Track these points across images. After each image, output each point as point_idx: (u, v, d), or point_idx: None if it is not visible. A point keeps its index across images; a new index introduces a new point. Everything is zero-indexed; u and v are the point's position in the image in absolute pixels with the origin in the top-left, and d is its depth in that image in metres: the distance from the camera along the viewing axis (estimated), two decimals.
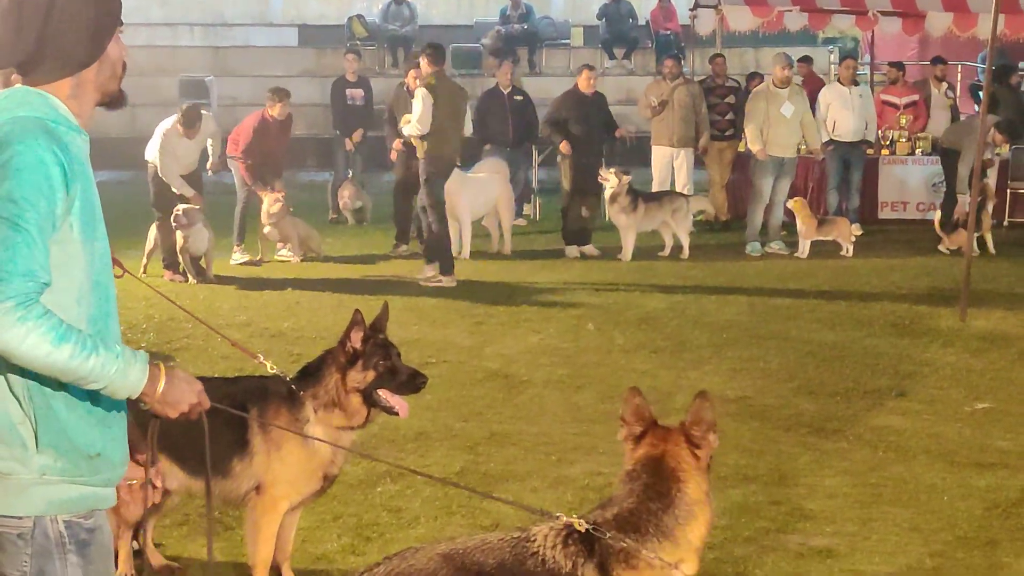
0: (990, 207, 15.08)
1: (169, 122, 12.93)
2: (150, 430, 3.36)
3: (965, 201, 13.96)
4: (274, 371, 4.93)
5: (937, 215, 15.25)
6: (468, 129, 14.02)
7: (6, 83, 3.19)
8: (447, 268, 12.82)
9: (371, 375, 5.04)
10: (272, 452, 5.07)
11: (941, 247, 14.81)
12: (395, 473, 7.01)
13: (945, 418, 8.16)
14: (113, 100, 3.27)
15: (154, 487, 3.49)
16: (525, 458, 7.38)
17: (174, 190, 12.81)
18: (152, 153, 12.96)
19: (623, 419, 3.94)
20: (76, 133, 3.13)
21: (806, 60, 17.28)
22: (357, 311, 5.11)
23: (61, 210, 2.97)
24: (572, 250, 14.64)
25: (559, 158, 15.04)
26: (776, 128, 14.73)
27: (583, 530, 3.64)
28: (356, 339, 5.05)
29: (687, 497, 3.74)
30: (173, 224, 12.57)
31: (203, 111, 13.40)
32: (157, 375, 3.09)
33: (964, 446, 7.57)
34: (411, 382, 5.12)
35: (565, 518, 3.70)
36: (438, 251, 12.90)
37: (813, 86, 17.46)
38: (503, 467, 7.20)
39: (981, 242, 14.50)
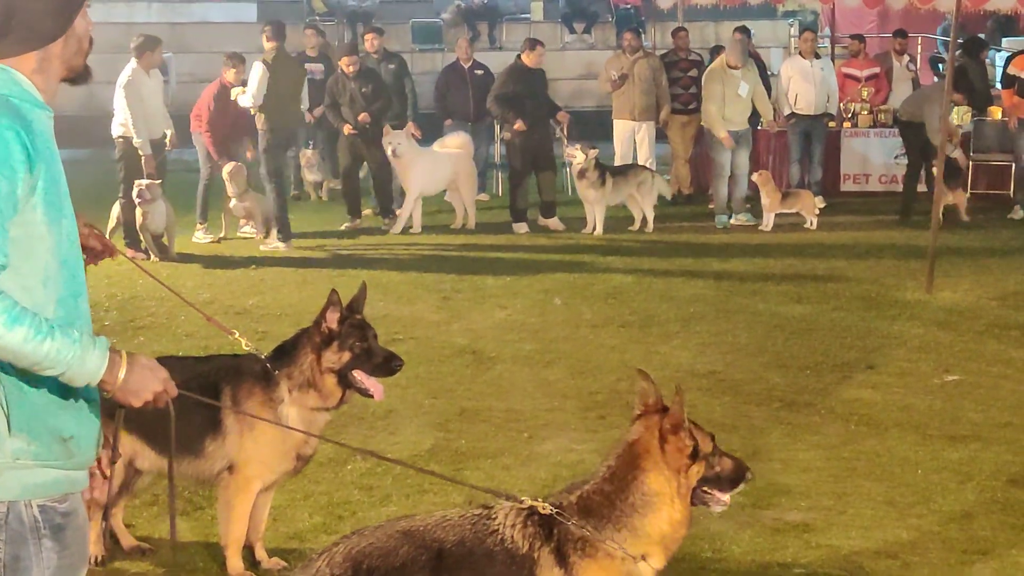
0: (964, 177, 15.13)
1: (128, 69, 12.76)
2: (116, 419, 3.24)
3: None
4: (248, 348, 4.86)
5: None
6: (304, 104, 14.25)
7: None
8: (286, 235, 13.47)
9: (346, 356, 4.98)
10: (245, 432, 5.02)
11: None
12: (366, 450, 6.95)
13: (915, 391, 8.16)
14: (79, 75, 3.19)
15: (104, 477, 3.37)
16: (496, 435, 7.33)
17: (136, 144, 12.59)
18: (119, 114, 12.74)
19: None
20: (41, 109, 3.04)
21: (743, 31, 17.15)
22: (334, 291, 5.05)
23: (23, 191, 2.88)
24: (520, 227, 14.55)
25: (506, 134, 14.91)
26: (732, 106, 14.73)
27: (546, 513, 3.61)
28: (332, 319, 4.99)
29: (646, 487, 3.70)
30: (136, 200, 12.41)
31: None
32: (118, 362, 2.98)
33: (935, 419, 7.58)
34: (386, 364, 5.07)
35: (529, 501, 3.66)
36: (279, 219, 13.52)
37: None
38: (474, 444, 7.15)
39: (953, 211, 14.59)
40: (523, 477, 6.61)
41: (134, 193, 12.44)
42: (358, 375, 5.02)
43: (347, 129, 14.54)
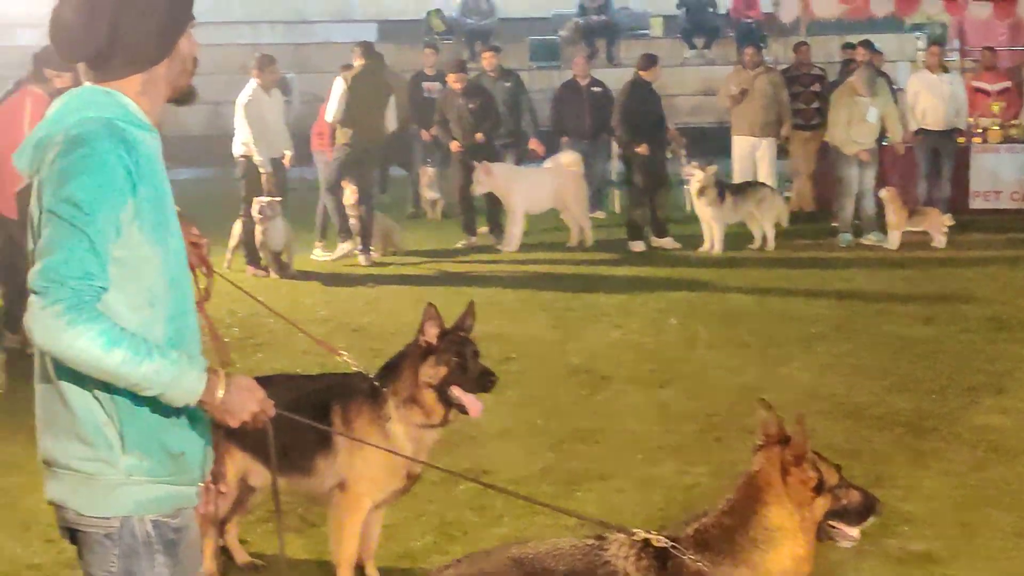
0: None
1: (248, 88, 12.92)
2: (215, 438, 3.28)
3: None
4: (356, 368, 4.83)
5: None
6: (391, 124, 13.92)
7: (76, 80, 3.12)
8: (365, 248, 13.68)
9: (443, 371, 4.93)
10: (355, 450, 4.99)
11: None
12: (477, 470, 6.88)
13: None
14: (183, 96, 3.22)
15: (220, 493, 3.42)
16: (610, 456, 7.20)
17: (257, 162, 12.73)
18: (241, 133, 12.90)
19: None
20: (146, 131, 3.07)
21: (866, 45, 16.82)
22: (430, 305, 5.01)
23: (126, 213, 2.93)
24: (636, 245, 14.39)
25: (628, 152, 14.74)
26: (858, 128, 14.42)
27: (660, 546, 3.47)
28: (430, 334, 4.96)
29: (767, 521, 3.54)
30: (256, 217, 12.51)
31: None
32: (216, 382, 3.00)
33: None
34: (480, 380, 4.98)
35: (642, 533, 3.53)
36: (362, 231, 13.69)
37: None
38: (587, 466, 7.03)
39: None
40: (637, 500, 6.48)
41: (254, 210, 12.55)
42: (455, 391, 4.96)
43: (455, 146, 14.52)
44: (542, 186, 14.59)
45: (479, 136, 14.43)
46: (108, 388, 2.97)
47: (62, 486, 3.08)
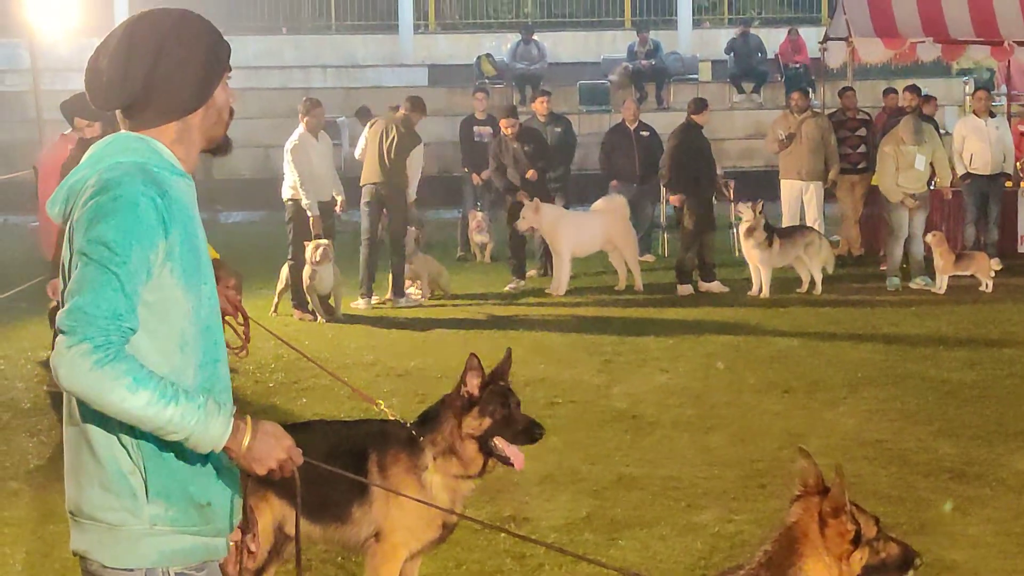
0: None
1: (295, 133, 13.08)
2: (243, 488, 3.23)
3: None
4: (393, 417, 4.85)
5: None
6: (415, 170, 13.94)
7: (106, 129, 3.18)
8: (397, 292, 13.90)
9: (487, 422, 4.90)
10: (391, 499, 4.96)
11: None
12: (519, 518, 6.92)
13: None
14: (219, 147, 3.23)
15: (249, 552, 3.33)
16: (653, 503, 7.22)
17: (304, 205, 12.83)
18: (289, 176, 13.03)
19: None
20: (180, 177, 3.09)
21: (913, 90, 16.79)
22: (473, 355, 4.98)
23: (157, 256, 2.94)
24: (685, 289, 14.41)
25: (674, 198, 14.79)
26: (906, 174, 14.42)
27: None
28: (473, 384, 4.92)
29: (804, 574, 3.48)
30: (316, 259, 12.57)
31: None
32: (242, 429, 2.96)
33: None
34: (528, 432, 4.97)
35: None
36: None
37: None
38: (630, 512, 7.05)
39: None
40: (679, 548, 6.49)
41: (307, 253, 12.64)
42: (499, 443, 4.94)
43: (521, 196, 14.61)
44: (589, 229, 14.65)
45: (531, 173, 14.56)
46: (134, 434, 2.95)
47: (86, 537, 3.05)
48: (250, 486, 3.26)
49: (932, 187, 15.08)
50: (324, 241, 12.71)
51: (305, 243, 12.76)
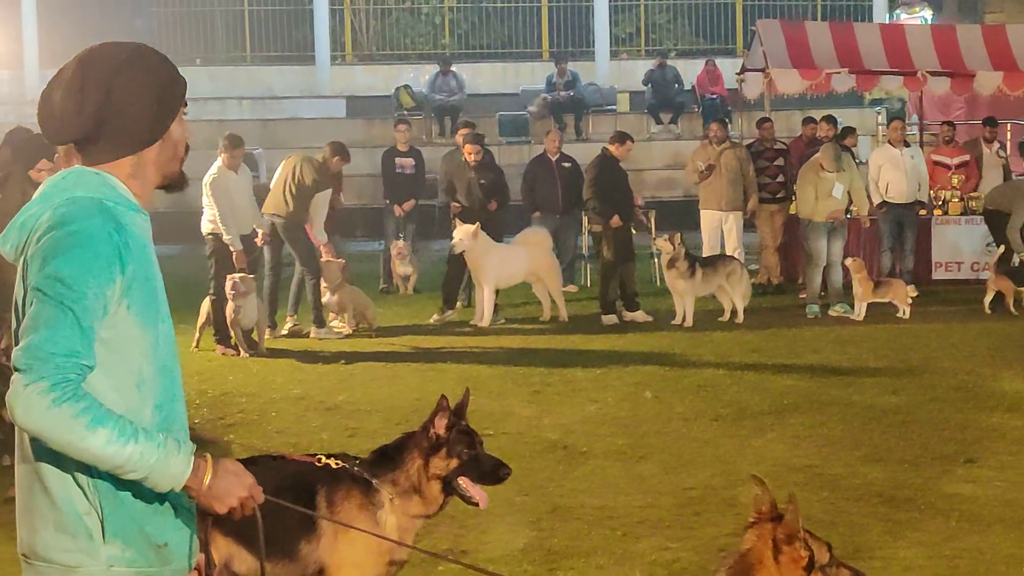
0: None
1: (213, 168, 12.98)
2: (202, 528, 3.20)
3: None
4: (337, 465, 4.79)
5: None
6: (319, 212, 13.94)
7: (68, 160, 3.14)
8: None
9: (454, 463, 4.91)
10: (340, 534, 4.93)
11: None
12: (456, 551, 6.91)
13: (1018, 485, 7.96)
14: (173, 182, 3.19)
15: None
16: (589, 533, 7.24)
17: (226, 240, 12.73)
18: (208, 210, 12.91)
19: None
20: (135, 212, 3.05)
21: (829, 120, 17.08)
22: (443, 397, 4.98)
23: (113, 292, 2.90)
24: (609, 319, 14.50)
25: (595, 227, 14.87)
26: (823, 203, 14.66)
27: None
28: (440, 425, 4.92)
29: None
30: (229, 294, 12.49)
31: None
32: (203, 467, 2.94)
33: None
34: (494, 472, 5.01)
35: None
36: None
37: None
38: (567, 543, 7.07)
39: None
40: None
41: (227, 287, 12.54)
42: (463, 482, 4.95)
43: (455, 208, 14.61)
44: (514, 261, 14.63)
45: (493, 204, 14.66)
46: (90, 473, 2.91)
47: None
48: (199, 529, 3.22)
49: (849, 216, 15.33)
50: (239, 275, 12.60)
51: (228, 277, 12.67)
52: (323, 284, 13.91)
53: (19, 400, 2.78)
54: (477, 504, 5.02)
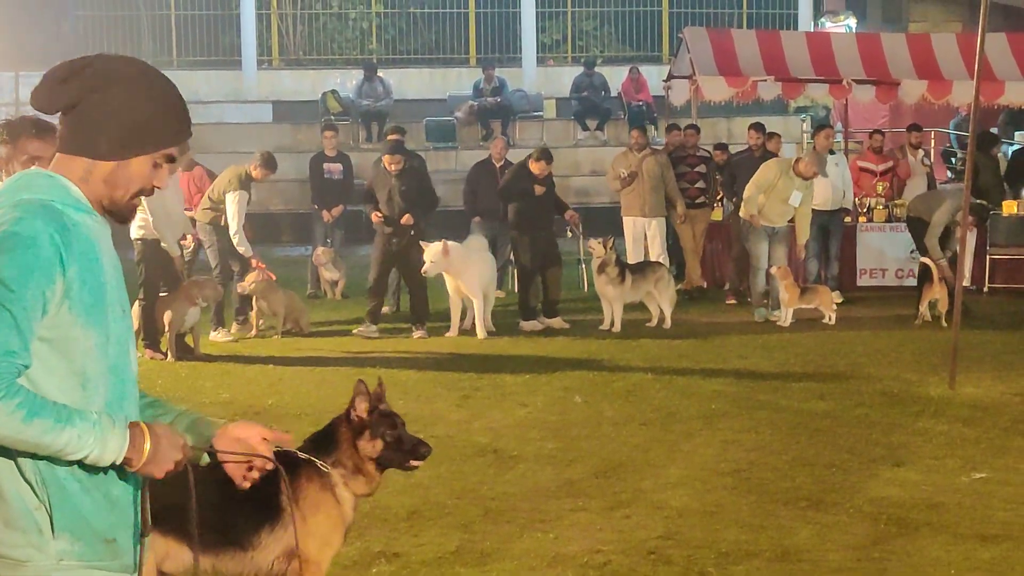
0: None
1: None
2: (142, 496, 3.19)
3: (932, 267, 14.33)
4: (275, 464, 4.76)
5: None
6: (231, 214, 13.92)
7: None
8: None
9: (379, 444, 5.01)
10: (308, 516, 4.99)
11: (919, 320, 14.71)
12: (389, 553, 6.88)
13: (943, 489, 8.06)
14: (115, 213, 3.15)
15: None
16: (521, 536, 7.23)
17: (164, 247, 12.63)
18: (139, 215, 12.76)
19: None
20: (86, 214, 3.05)
21: (758, 128, 17.15)
22: (360, 381, 5.07)
23: (53, 293, 2.91)
24: (530, 325, 14.49)
25: (513, 232, 14.86)
26: (773, 204, 14.76)
27: None
28: (361, 408, 5.03)
29: None
30: (200, 302, 12.62)
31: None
32: (140, 437, 2.97)
33: (965, 517, 7.46)
34: (415, 451, 5.08)
35: None
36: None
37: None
38: (500, 545, 7.06)
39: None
40: None
41: (189, 292, 12.64)
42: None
43: (375, 217, 14.13)
44: (491, 265, 14.61)
45: (406, 218, 13.98)
46: (39, 469, 2.94)
47: None
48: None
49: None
50: (202, 279, 12.89)
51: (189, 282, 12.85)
52: (244, 286, 13.92)
53: None
54: (413, 468, 5.17)
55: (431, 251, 13.75)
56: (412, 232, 14.08)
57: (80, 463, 2.93)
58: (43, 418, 2.83)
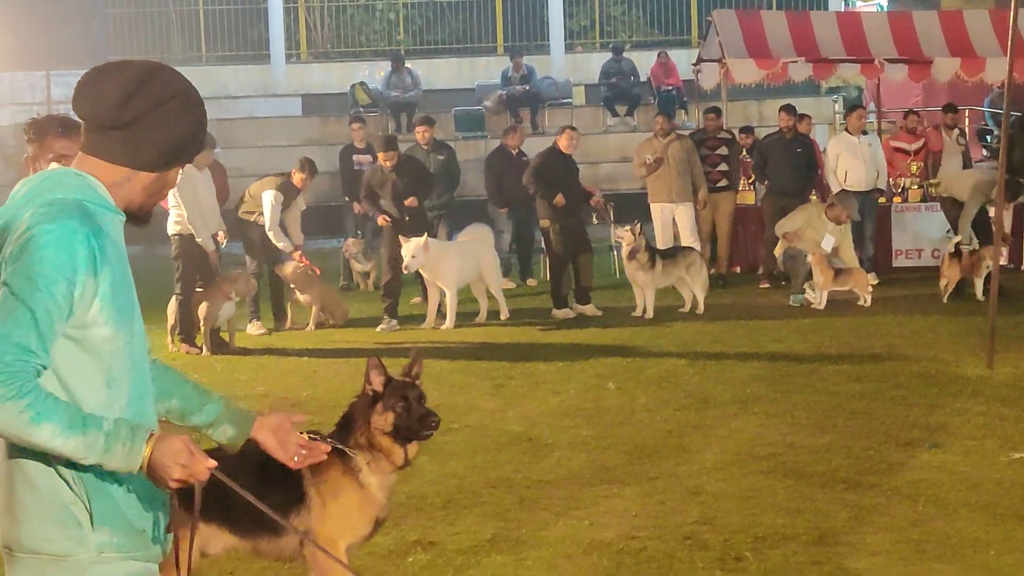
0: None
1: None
2: (171, 502, 3.21)
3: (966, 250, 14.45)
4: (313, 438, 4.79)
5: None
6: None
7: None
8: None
9: (390, 416, 4.99)
10: (329, 500, 5.03)
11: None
12: (425, 542, 6.87)
13: (982, 469, 7.98)
14: (140, 217, 3.20)
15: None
16: (556, 523, 7.21)
17: (199, 242, 12.71)
18: (175, 211, 12.79)
19: None
20: (114, 214, 3.09)
21: (788, 109, 16.99)
22: (374, 356, 5.09)
23: (82, 293, 2.93)
24: (563, 312, 14.45)
25: (543, 221, 14.79)
26: (806, 242, 14.77)
27: None
28: (376, 382, 5.03)
29: None
30: (234, 297, 12.74)
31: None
32: (146, 450, 2.98)
33: (1005, 497, 7.39)
34: (423, 422, 5.01)
35: None
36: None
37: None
38: (535, 533, 7.04)
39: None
40: (586, 566, 6.50)
41: (227, 286, 12.76)
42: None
43: (382, 220, 14.14)
44: (470, 259, 14.39)
45: (411, 200, 13.97)
46: (73, 464, 2.96)
47: (28, 570, 3.03)
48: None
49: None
50: (238, 271, 13.05)
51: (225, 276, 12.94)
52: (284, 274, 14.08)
53: None
54: (425, 438, 5.08)
55: (412, 246, 13.63)
56: (417, 215, 14.15)
57: None
58: (51, 422, 2.83)
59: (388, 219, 14.09)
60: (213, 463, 3.06)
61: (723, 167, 16.79)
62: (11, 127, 20.44)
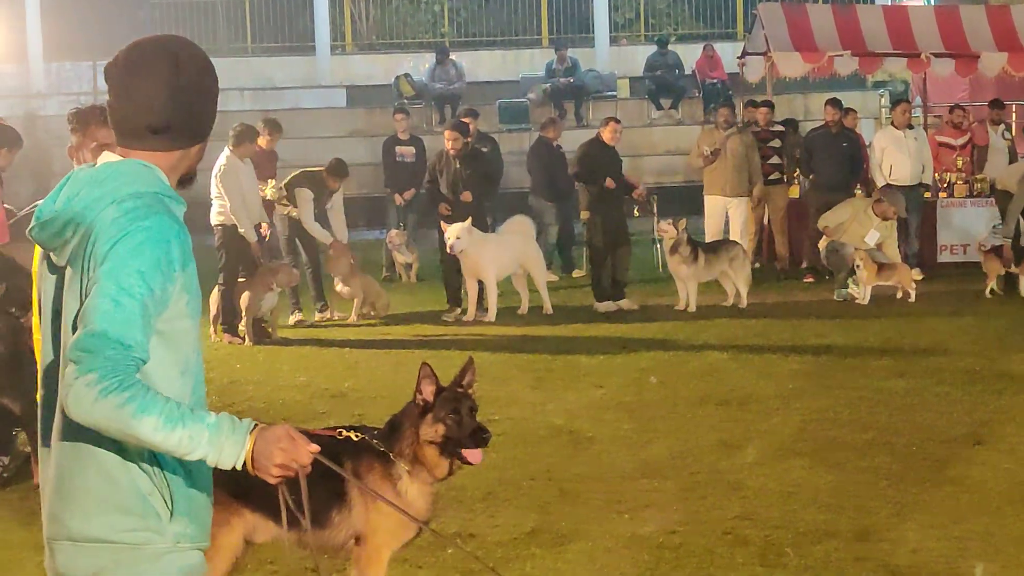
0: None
1: (222, 158, 12.93)
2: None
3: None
4: (358, 438, 4.79)
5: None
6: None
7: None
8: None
9: (441, 428, 4.97)
10: (370, 504, 5.03)
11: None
12: (465, 534, 6.89)
13: None
14: (188, 178, 3.25)
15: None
16: (597, 517, 7.21)
17: (242, 233, 12.77)
18: (218, 202, 12.85)
19: None
20: (180, 205, 3.13)
21: (834, 103, 16.82)
22: (425, 364, 5.05)
23: (174, 288, 2.98)
24: (605, 305, 14.42)
25: (584, 213, 14.75)
26: (852, 236, 14.63)
27: None
28: (427, 392, 5.00)
29: None
30: (275, 287, 12.82)
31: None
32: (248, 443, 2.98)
33: None
34: (473, 437, 5.00)
35: None
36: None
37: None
38: (575, 526, 7.04)
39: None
40: (626, 560, 6.51)
41: (272, 277, 12.81)
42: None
43: (444, 209, 14.06)
44: (509, 251, 14.27)
45: (466, 195, 13.93)
46: (152, 455, 3.00)
47: (97, 560, 3.04)
48: (224, 500, 3.31)
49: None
50: (277, 264, 13.18)
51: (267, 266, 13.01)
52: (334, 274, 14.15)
53: (70, 392, 2.84)
54: (470, 463, 5.05)
55: (456, 228, 13.61)
56: (470, 211, 13.96)
57: None
58: (154, 416, 2.83)
59: (448, 209, 13.99)
60: (316, 448, 3.08)
61: (775, 160, 16.70)
62: (59, 117, 20.61)
